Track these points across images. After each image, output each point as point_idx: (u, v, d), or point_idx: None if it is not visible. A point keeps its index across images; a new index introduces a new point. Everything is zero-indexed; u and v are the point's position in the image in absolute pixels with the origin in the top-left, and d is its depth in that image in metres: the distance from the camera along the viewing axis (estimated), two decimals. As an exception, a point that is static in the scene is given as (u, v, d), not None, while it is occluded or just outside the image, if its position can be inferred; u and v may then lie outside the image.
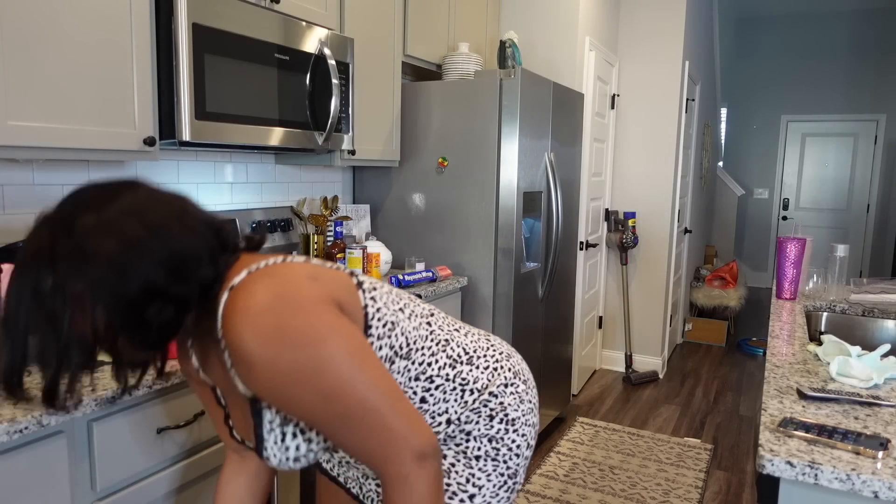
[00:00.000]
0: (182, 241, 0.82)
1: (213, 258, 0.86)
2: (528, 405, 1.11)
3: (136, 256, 0.78)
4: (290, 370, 0.79)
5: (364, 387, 0.82)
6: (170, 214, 0.83)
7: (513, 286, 2.71)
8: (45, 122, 1.41)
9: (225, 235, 0.90)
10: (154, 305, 0.80)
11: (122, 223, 0.79)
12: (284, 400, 0.82)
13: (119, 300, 0.78)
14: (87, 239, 0.77)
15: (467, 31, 3.20)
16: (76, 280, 0.76)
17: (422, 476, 0.84)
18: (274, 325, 0.79)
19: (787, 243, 2.21)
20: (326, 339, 0.81)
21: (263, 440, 0.93)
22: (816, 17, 7.01)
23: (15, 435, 1.08)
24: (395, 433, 0.83)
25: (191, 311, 0.85)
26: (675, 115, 4.11)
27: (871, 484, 0.93)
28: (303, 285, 0.84)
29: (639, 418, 3.54)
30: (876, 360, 1.41)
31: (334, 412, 0.82)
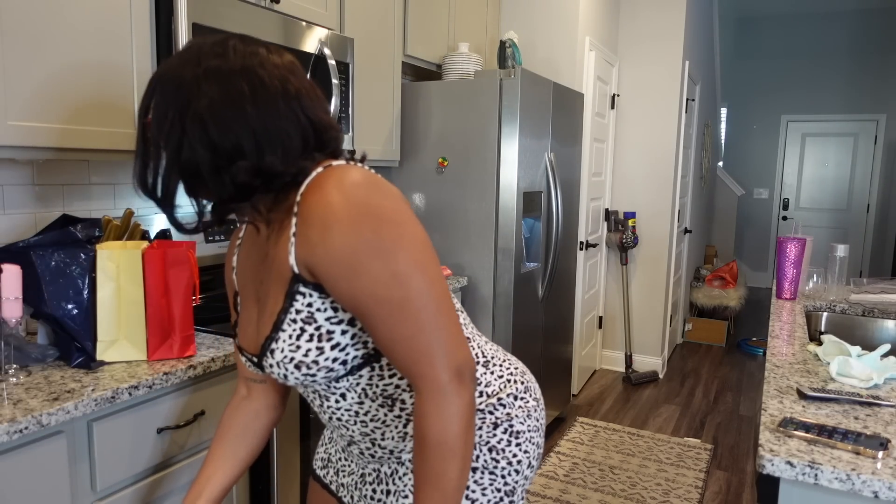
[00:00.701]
0: (277, 122, 0.84)
1: (305, 150, 0.87)
2: (535, 423, 1.08)
3: (231, 113, 0.83)
4: (370, 238, 0.81)
5: (430, 281, 0.84)
6: (282, 94, 0.85)
7: (513, 286, 2.71)
8: (45, 122, 1.41)
9: (326, 137, 0.90)
10: (232, 163, 0.83)
11: (235, 80, 0.83)
12: (350, 271, 0.82)
13: (206, 143, 0.83)
14: (203, 77, 0.83)
15: (467, 31, 3.20)
16: (185, 107, 0.83)
17: (459, 392, 0.84)
18: (365, 197, 0.82)
19: (787, 243, 2.21)
20: (409, 223, 0.84)
21: (280, 330, 0.90)
22: (816, 17, 7.01)
23: (15, 435, 1.08)
24: (443, 339, 0.84)
25: (268, 187, 0.87)
26: (675, 115, 4.11)
27: (871, 484, 0.93)
28: (394, 188, 0.88)
29: (639, 418, 3.54)
30: (876, 360, 1.41)
31: (396, 296, 0.82)
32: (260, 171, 0.84)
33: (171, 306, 1.44)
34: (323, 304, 0.88)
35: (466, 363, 0.86)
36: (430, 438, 0.84)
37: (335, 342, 0.90)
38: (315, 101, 0.90)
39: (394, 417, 0.97)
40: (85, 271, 1.41)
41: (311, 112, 0.88)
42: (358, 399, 0.96)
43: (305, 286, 0.88)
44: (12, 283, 1.28)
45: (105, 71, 1.52)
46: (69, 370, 1.35)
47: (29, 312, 1.39)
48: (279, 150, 0.85)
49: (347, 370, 0.92)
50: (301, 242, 0.85)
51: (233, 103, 0.83)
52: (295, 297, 0.89)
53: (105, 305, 1.40)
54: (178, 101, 0.83)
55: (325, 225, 0.82)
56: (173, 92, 0.84)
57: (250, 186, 0.85)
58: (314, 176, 0.87)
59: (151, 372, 1.35)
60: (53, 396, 1.19)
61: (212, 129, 0.82)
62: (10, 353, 1.31)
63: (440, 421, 0.84)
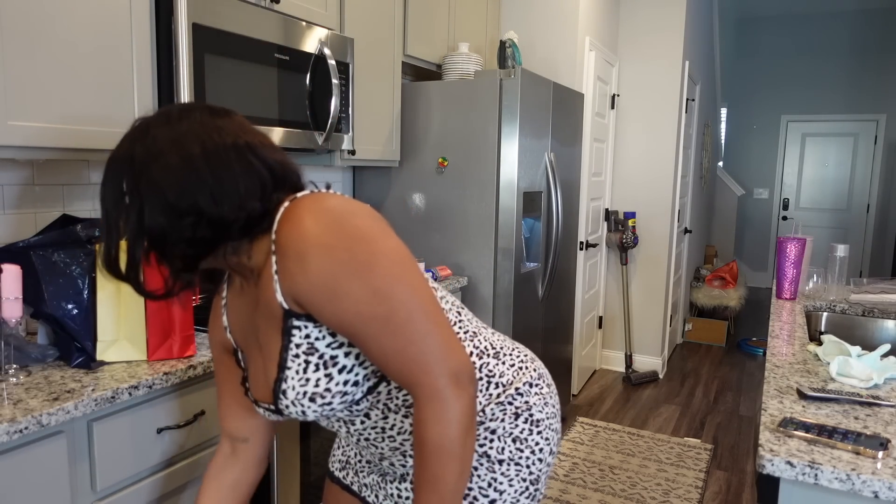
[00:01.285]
0: (231, 176, 0.86)
1: (264, 195, 0.88)
2: (552, 409, 1.09)
3: (186, 175, 0.84)
4: (345, 259, 0.82)
5: (411, 291, 0.84)
6: (233, 148, 0.87)
7: (513, 286, 2.71)
8: (45, 123, 1.41)
9: (285, 176, 0.92)
10: (194, 221, 0.85)
11: (185, 143, 0.85)
12: (331, 294, 0.83)
13: (165, 208, 0.85)
14: (152, 146, 0.85)
15: (467, 31, 3.20)
16: (140, 178, 0.85)
17: (457, 395, 0.84)
18: (334, 219, 0.84)
19: (787, 243, 2.21)
20: (380, 238, 0.85)
21: (285, 369, 0.91)
22: (816, 17, 7.01)
23: (15, 435, 1.08)
24: (435, 345, 0.84)
25: (230, 237, 0.88)
26: (675, 115, 4.11)
27: (871, 484, 0.93)
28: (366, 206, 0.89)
29: (639, 418, 3.54)
30: (876, 360, 1.41)
31: (380, 312, 0.83)
32: (210, 223, 0.86)
33: (171, 306, 1.44)
34: (320, 333, 0.90)
35: (463, 366, 0.86)
36: (428, 442, 0.85)
37: (341, 365, 0.91)
38: (267, 148, 0.92)
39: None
40: (85, 271, 1.41)
41: (266, 158, 0.90)
42: (382, 415, 0.97)
43: (298, 319, 0.89)
44: (12, 283, 1.28)
45: (105, 71, 1.52)
46: (69, 370, 1.35)
47: (29, 312, 1.39)
48: (235, 201, 0.86)
49: (364, 391, 0.93)
50: (283, 277, 0.86)
51: (186, 166, 0.84)
52: (291, 333, 0.90)
53: (105, 305, 1.40)
54: (133, 176, 0.85)
55: (301, 254, 0.83)
56: (128, 168, 0.86)
57: (206, 239, 0.87)
58: (283, 211, 0.88)
59: (151, 372, 1.35)
60: (53, 396, 1.19)
61: (169, 194, 0.84)
62: (10, 353, 1.31)
63: (438, 425, 0.84)
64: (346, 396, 0.92)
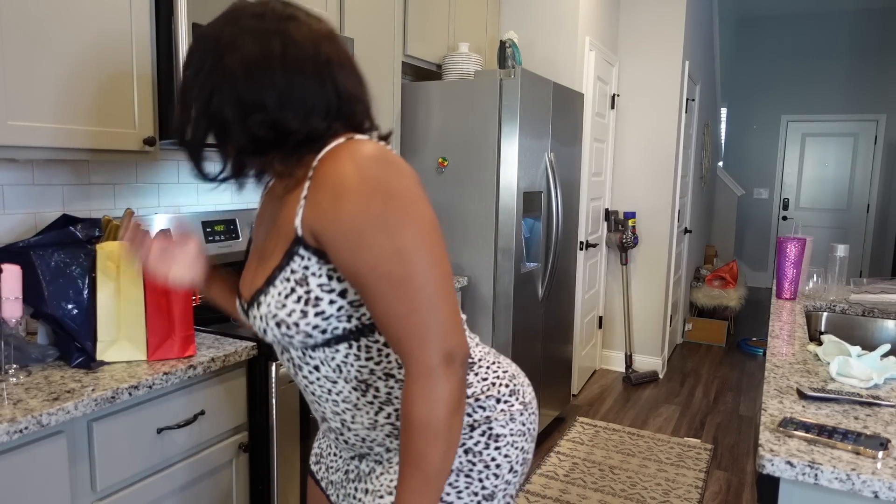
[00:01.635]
0: (303, 84, 0.88)
1: (327, 115, 0.90)
2: (519, 426, 1.05)
3: (260, 71, 0.86)
4: (378, 212, 0.82)
5: (432, 262, 0.85)
6: (312, 58, 0.88)
7: (513, 286, 2.71)
8: (45, 123, 1.41)
9: (351, 109, 0.93)
10: (258, 118, 0.87)
11: (268, 40, 0.87)
12: (355, 241, 0.83)
13: (233, 98, 0.87)
14: (238, 34, 0.88)
15: (467, 31, 3.20)
16: (219, 61, 0.87)
17: (447, 376, 0.85)
18: (379, 171, 0.84)
19: (787, 243, 2.21)
20: (417, 203, 0.85)
21: (271, 285, 0.92)
22: (816, 17, 7.01)
23: (15, 435, 1.08)
24: (438, 321, 0.84)
25: (282, 143, 0.89)
26: (675, 115, 4.11)
27: (871, 484, 0.93)
28: (409, 167, 0.90)
29: (639, 418, 3.54)
30: (876, 360, 1.41)
31: (396, 272, 0.83)
32: (275, 125, 0.88)
33: (170, 306, 1.44)
34: (319, 270, 0.89)
35: (459, 348, 0.86)
36: (414, 420, 0.85)
37: (320, 310, 0.90)
38: (347, 71, 0.92)
39: (366, 403, 0.97)
40: (85, 271, 1.41)
41: (340, 81, 0.91)
42: (332, 377, 0.96)
43: (306, 249, 0.89)
44: (12, 283, 1.28)
45: (105, 71, 1.52)
46: (69, 370, 1.35)
47: (29, 312, 1.39)
48: (300, 110, 0.88)
49: (324, 340, 0.92)
50: (310, 207, 0.87)
51: (263, 62, 0.86)
52: (293, 258, 0.90)
53: (105, 305, 1.40)
54: (214, 56, 0.88)
55: (336, 194, 0.84)
56: (211, 47, 0.89)
57: (265, 140, 0.88)
58: (334, 145, 0.89)
59: (151, 372, 1.35)
60: (53, 396, 1.19)
61: (240, 84, 0.86)
62: (10, 353, 1.31)
63: (426, 403, 0.84)
64: (308, 338, 0.92)
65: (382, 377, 0.95)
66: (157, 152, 1.68)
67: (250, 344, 1.59)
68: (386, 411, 0.97)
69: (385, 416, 0.97)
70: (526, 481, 2.76)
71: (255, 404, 1.64)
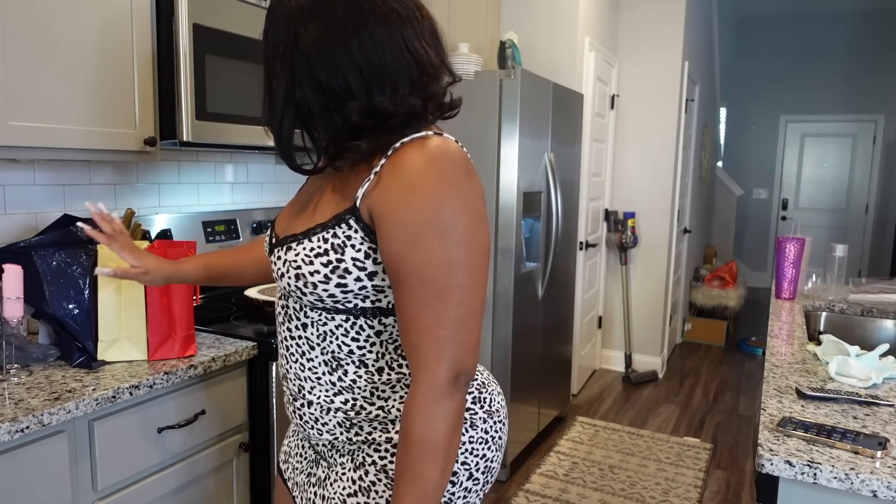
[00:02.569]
0: (381, 57, 0.84)
1: (413, 88, 0.87)
2: (481, 434, 1.01)
3: (336, 50, 0.83)
4: (445, 220, 0.82)
5: (474, 283, 0.85)
6: (384, 23, 0.84)
7: (513, 286, 2.71)
8: (46, 123, 1.41)
9: (432, 85, 0.89)
10: (347, 106, 0.85)
11: (337, 11, 0.83)
12: (413, 237, 0.82)
13: (316, 86, 0.85)
14: (306, 7, 0.85)
15: (467, 31, 3.20)
16: (294, 45, 0.85)
17: (452, 394, 0.85)
18: (460, 181, 0.84)
19: (786, 243, 2.22)
20: (481, 223, 0.86)
21: (308, 238, 0.90)
22: (816, 18, 7.02)
23: (16, 434, 1.08)
24: (461, 341, 0.84)
25: (381, 128, 0.87)
26: (675, 116, 4.11)
27: (870, 483, 0.93)
28: (483, 190, 0.90)
29: (638, 418, 3.55)
30: (875, 360, 1.41)
31: (440, 282, 0.83)
32: (371, 111, 0.85)
33: (171, 306, 1.45)
34: (360, 245, 0.88)
35: (468, 370, 0.86)
36: (415, 434, 0.84)
37: (344, 282, 0.88)
38: (420, 32, 0.87)
39: (328, 381, 0.95)
40: (86, 271, 1.41)
41: (413, 44, 0.86)
42: (313, 342, 0.95)
43: (357, 221, 0.87)
44: (14, 283, 1.28)
45: (106, 70, 1.52)
46: (70, 370, 1.35)
47: (30, 312, 1.39)
48: (387, 88, 0.85)
49: (327, 306, 0.92)
50: (379, 186, 0.85)
51: (336, 39, 0.83)
52: (340, 224, 0.88)
53: (106, 305, 1.41)
54: (287, 37, 0.86)
55: (412, 186, 0.82)
56: (282, 23, 0.86)
57: (363, 127, 0.86)
58: (423, 135, 0.87)
59: (152, 372, 1.35)
60: (54, 396, 1.20)
61: (318, 70, 0.84)
62: (11, 352, 1.31)
63: (429, 418, 0.84)
64: (318, 301, 0.91)
65: (356, 363, 0.94)
66: (158, 153, 1.68)
67: (251, 344, 1.60)
68: (343, 397, 0.95)
69: (342, 401, 0.95)
70: (526, 481, 2.76)
71: (255, 404, 1.64)
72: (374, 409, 0.95)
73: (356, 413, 0.95)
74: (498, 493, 2.70)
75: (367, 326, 0.92)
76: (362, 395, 0.94)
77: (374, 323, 0.92)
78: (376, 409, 0.95)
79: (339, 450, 0.99)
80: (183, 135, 1.66)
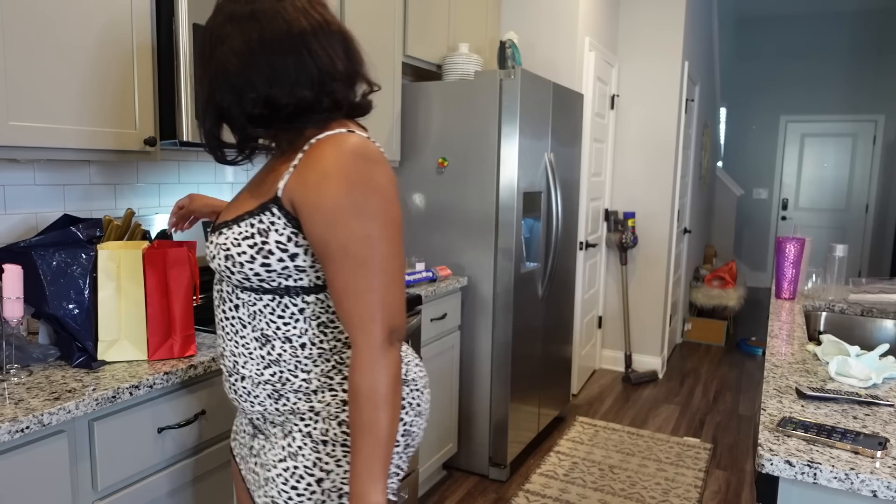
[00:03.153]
0: (285, 64, 0.98)
1: (313, 87, 0.99)
2: (405, 407, 1.12)
3: (246, 60, 0.98)
4: (359, 202, 0.94)
5: (392, 252, 0.97)
6: (285, 34, 0.97)
7: (513, 286, 2.71)
8: (46, 123, 1.41)
9: (332, 84, 1.01)
10: (250, 97, 0.98)
11: (248, 26, 0.98)
12: (331, 220, 0.94)
13: (230, 87, 0.99)
14: (223, 24, 1.00)
15: (467, 32, 3.20)
16: (212, 53, 1.00)
17: (388, 350, 0.96)
18: (368, 166, 0.97)
19: (786, 243, 2.22)
20: (391, 202, 0.98)
21: (236, 224, 1.03)
22: (816, 18, 7.02)
23: (16, 434, 1.08)
24: (389, 302, 0.97)
25: (277, 118, 1.00)
26: (675, 116, 4.11)
27: (870, 483, 0.93)
28: (391, 168, 1.03)
29: (638, 418, 3.55)
30: (875, 360, 1.41)
31: (362, 255, 0.95)
32: (267, 101, 0.98)
33: (171, 306, 1.45)
34: (283, 230, 1.00)
35: (400, 328, 0.99)
36: (363, 388, 0.95)
37: (268, 262, 1.00)
38: (326, 41, 1.00)
39: (259, 355, 1.06)
40: (86, 271, 1.41)
41: (315, 50, 0.99)
42: (244, 321, 1.07)
43: (279, 210, 1.00)
44: (14, 283, 1.28)
45: (106, 71, 1.52)
46: (70, 370, 1.35)
47: (30, 312, 1.39)
48: (287, 84, 0.98)
49: (257, 286, 1.03)
50: (296, 178, 0.98)
51: (248, 46, 0.97)
52: (265, 211, 1.01)
53: (106, 305, 1.41)
54: (211, 47, 1.00)
55: (325, 175, 0.95)
56: (207, 40, 1.01)
57: (260, 116, 1.00)
58: (335, 133, 1.00)
59: (152, 372, 1.35)
60: (55, 396, 1.20)
61: (232, 74, 0.98)
62: (11, 352, 1.31)
63: (372, 373, 0.95)
64: (245, 280, 1.03)
65: (281, 338, 1.05)
66: (158, 153, 1.68)
67: (251, 344, 1.59)
68: (272, 370, 1.06)
69: (270, 373, 1.06)
70: (526, 481, 2.76)
71: (255, 404, 1.64)
72: (297, 380, 1.06)
73: (282, 384, 1.06)
74: (498, 493, 2.70)
75: (291, 304, 1.04)
76: (287, 367, 1.06)
77: (298, 301, 1.04)
78: (299, 380, 1.06)
79: (272, 421, 1.10)
80: (183, 135, 1.65)
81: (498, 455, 2.80)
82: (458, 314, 2.74)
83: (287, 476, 1.05)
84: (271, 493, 1.08)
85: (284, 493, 1.06)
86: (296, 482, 1.05)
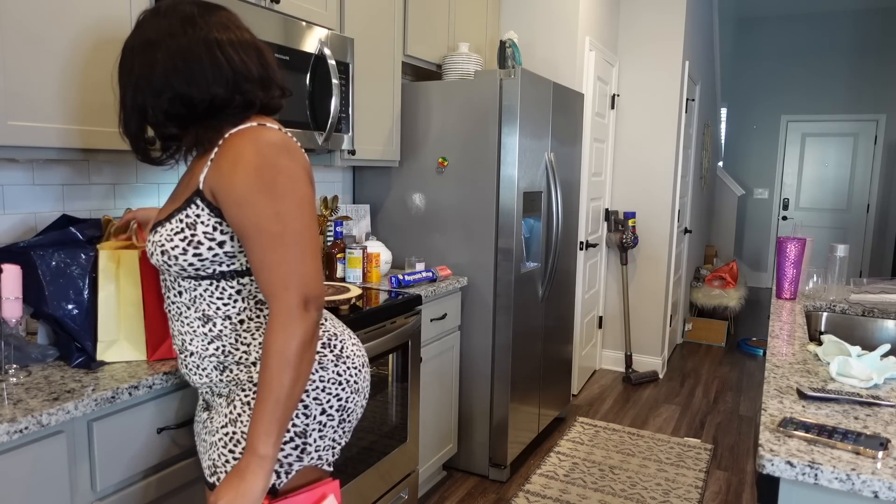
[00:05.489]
0: (201, 64, 1.08)
1: (227, 86, 1.10)
2: (332, 375, 1.21)
3: (163, 63, 1.08)
4: (265, 182, 1.04)
5: (303, 227, 1.07)
6: (202, 41, 1.09)
7: (513, 286, 2.71)
8: (45, 123, 1.41)
9: (247, 84, 1.12)
10: (167, 96, 1.09)
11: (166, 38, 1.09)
12: (242, 202, 1.04)
13: (146, 89, 1.10)
14: (141, 41, 1.11)
15: (467, 31, 3.20)
16: (132, 65, 1.12)
17: (303, 316, 1.05)
18: (274, 154, 1.07)
19: (786, 243, 2.21)
20: (299, 182, 1.08)
21: (168, 221, 1.13)
22: (816, 17, 7.01)
23: (15, 435, 1.08)
24: (301, 272, 1.05)
25: (198, 115, 1.10)
26: (675, 116, 4.11)
27: (871, 484, 0.93)
28: (302, 154, 1.13)
29: (639, 418, 3.54)
30: (876, 360, 1.41)
31: (273, 230, 1.04)
32: (182, 99, 1.09)
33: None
34: (208, 220, 1.11)
35: (316, 296, 1.07)
36: (272, 350, 1.04)
37: (199, 252, 1.11)
38: (241, 47, 1.12)
39: (202, 333, 1.17)
40: (85, 271, 1.41)
41: (231, 57, 1.10)
42: (187, 304, 1.18)
43: (202, 201, 1.10)
44: (12, 283, 1.28)
45: (105, 71, 1.52)
46: (69, 370, 1.35)
47: (29, 312, 1.39)
48: (204, 84, 1.09)
49: (194, 274, 1.14)
50: (213, 169, 1.09)
51: (164, 56, 1.08)
52: (190, 205, 1.12)
53: (105, 305, 1.40)
54: (129, 61, 1.12)
55: (236, 161, 1.06)
56: (126, 55, 1.13)
57: (179, 114, 1.11)
58: (247, 126, 1.10)
59: (151, 372, 1.35)
60: (53, 396, 1.19)
61: (151, 77, 1.09)
62: (10, 352, 1.31)
63: (283, 335, 1.04)
64: (182, 270, 1.14)
65: (222, 317, 1.16)
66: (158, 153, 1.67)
67: (250, 344, 1.59)
68: (216, 345, 1.17)
69: (214, 348, 1.17)
70: (526, 481, 2.76)
71: (255, 404, 1.63)
72: (238, 352, 1.17)
73: (225, 356, 1.18)
74: (498, 493, 2.70)
75: (229, 287, 1.15)
76: (229, 341, 1.17)
77: (234, 283, 1.15)
78: (240, 352, 1.17)
79: (219, 393, 1.21)
80: (182, 135, 1.65)
81: (498, 455, 2.80)
82: (458, 314, 2.73)
83: (227, 440, 1.15)
84: (213, 456, 1.17)
85: (223, 455, 1.15)
86: (233, 446, 1.14)
